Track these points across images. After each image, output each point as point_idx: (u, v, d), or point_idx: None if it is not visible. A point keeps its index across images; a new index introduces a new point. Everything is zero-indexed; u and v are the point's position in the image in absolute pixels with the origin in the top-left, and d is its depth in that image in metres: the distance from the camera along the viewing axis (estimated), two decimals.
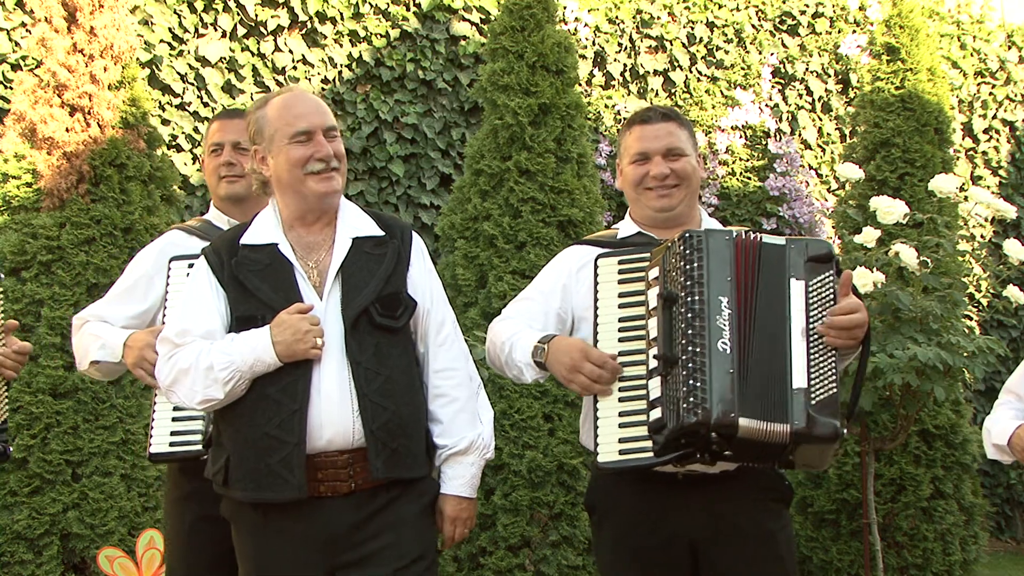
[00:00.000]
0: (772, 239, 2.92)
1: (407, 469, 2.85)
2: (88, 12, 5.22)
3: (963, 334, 4.74)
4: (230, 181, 3.49)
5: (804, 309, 2.83)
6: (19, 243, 5.07)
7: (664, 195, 3.10)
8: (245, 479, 2.80)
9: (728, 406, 2.75)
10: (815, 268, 2.86)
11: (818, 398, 2.78)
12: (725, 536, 2.95)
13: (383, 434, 2.79)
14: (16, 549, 4.87)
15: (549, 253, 5.61)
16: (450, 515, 2.94)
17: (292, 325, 2.75)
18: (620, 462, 2.88)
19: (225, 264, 2.87)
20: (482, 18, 7.00)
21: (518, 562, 5.28)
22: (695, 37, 7.84)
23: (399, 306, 2.88)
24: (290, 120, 2.89)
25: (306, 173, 2.87)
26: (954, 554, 5.80)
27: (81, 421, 5.00)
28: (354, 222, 2.96)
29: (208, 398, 2.79)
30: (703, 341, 2.80)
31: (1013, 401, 3.21)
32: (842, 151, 7.47)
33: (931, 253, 4.85)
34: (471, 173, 5.80)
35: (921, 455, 5.78)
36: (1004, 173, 8.96)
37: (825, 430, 2.76)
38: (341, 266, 2.87)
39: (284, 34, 6.47)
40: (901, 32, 6.55)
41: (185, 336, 2.84)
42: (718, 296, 2.83)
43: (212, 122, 3.62)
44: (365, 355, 2.80)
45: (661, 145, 3.10)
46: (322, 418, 2.76)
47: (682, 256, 2.88)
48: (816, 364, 2.81)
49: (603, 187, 6.79)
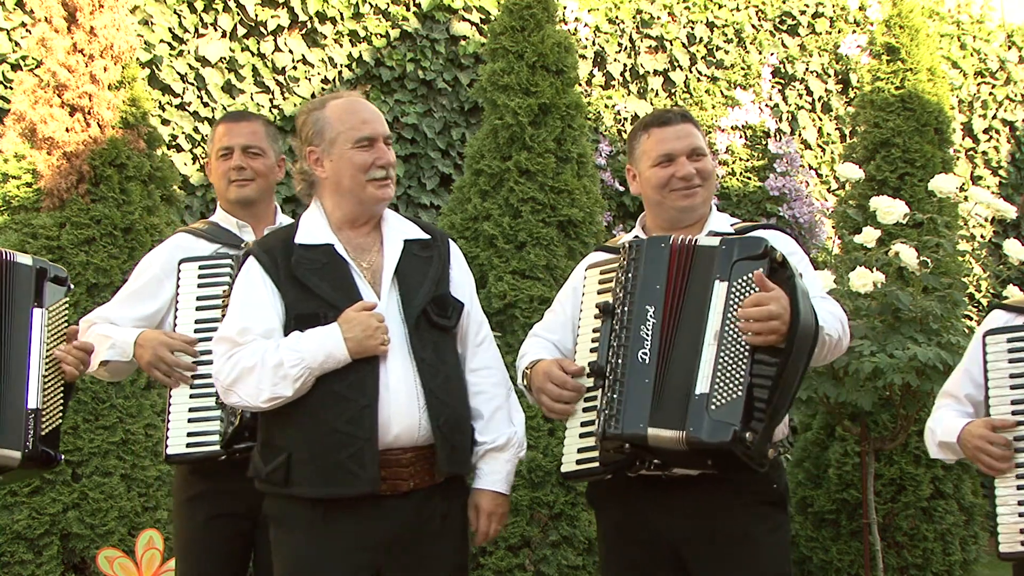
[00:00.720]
0: (707, 240, 2.90)
1: (462, 466, 2.96)
2: (88, 12, 5.22)
3: (963, 334, 4.74)
4: (240, 185, 3.50)
5: (722, 311, 2.78)
6: (19, 243, 5.07)
7: (690, 195, 3.10)
8: (313, 476, 2.81)
9: (639, 419, 2.76)
10: (745, 267, 2.80)
11: (718, 403, 2.72)
12: (702, 539, 2.95)
13: (447, 430, 2.87)
14: (16, 549, 4.87)
15: (549, 253, 5.62)
16: (487, 510, 2.99)
17: (362, 322, 2.80)
18: (576, 471, 2.97)
19: (280, 264, 2.90)
20: (482, 18, 7.00)
21: (518, 562, 5.28)
22: (695, 37, 7.84)
23: (449, 307, 2.97)
24: (355, 125, 2.94)
25: (368, 179, 2.93)
26: (954, 554, 5.80)
27: (81, 421, 5.00)
28: (399, 226, 3.03)
29: (276, 396, 2.80)
30: (626, 352, 2.84)
31: (952, 403, 3.22)
32: (842, 151, 7.47)
33: (931, 253, 4.85)
34: (471, 173, 5.80)
35: (921, 455, 5.78)
36: (1004, 173, 8.96)
37: (717, 436, 2.69)
38: (397, 266, 2.94)
39: (284, 34, 6.47)
40: (901, 32, 6.55)
41: (246, 335, 2.85)
42: (645, 305, 2.85)
43: (219, 124, 3.62)
44: (427, 352, 2.88)
45: (685, 145, 3.10)
46: (390, 413, 2.82)
47: (622, 266, 2.92)
48: (723, 369, 2.74)
49: (603, 187, 6.79)
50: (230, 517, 3.32)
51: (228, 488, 3.28)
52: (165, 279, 3.44)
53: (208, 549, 3.34)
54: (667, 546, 2.98)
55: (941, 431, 3.15)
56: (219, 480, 3.30)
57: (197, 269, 3.39)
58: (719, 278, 2.81)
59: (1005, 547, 2.96)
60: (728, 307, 2.78)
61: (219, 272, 3.38)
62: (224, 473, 3.27)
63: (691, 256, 2.88)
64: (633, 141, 3.20)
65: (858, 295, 4.66)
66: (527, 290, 5.53)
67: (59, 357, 3.13)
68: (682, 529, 2.95)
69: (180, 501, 3.43)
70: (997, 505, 2.99)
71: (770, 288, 2.74)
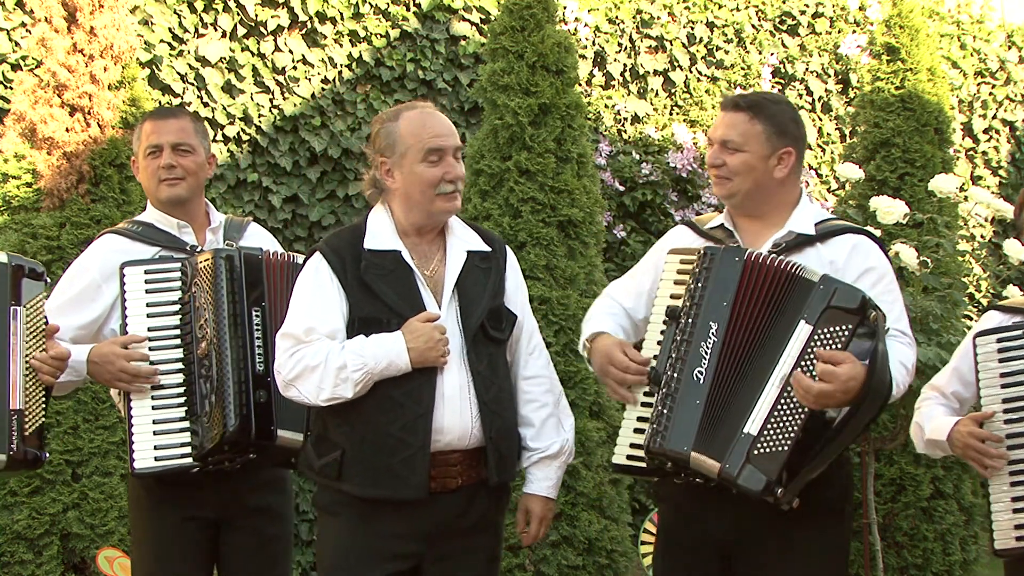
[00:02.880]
0: (808, 272, 2.78)
1: (510, 473, 3.07)
2: (88, 12, 5.22)
3: (963, 334, 4.73)
4: (171, 184, 3.41)
5: (797, 356, 2.71)
6: (19, 243, 5.07)
7: (717, 183, 3.05)
8: (363, 475, 2.90)
9: (684, 440, 2.74)
10: (835, 317, 2.71)
11: (762, 450, 2.69)
12: (748, 543, 2.92)
13: (499, 440, 2.97)
14: (16, 549, 4.86)
15: (549, 253, 5.62)
16: (538, 515, 3.11)
17: (426, 333, 2.87)
18: (624, 466, 2.96)
19: (348, 267, 2.96)
20: (482, 18, 7.00)
21: (518, 562, 5.28)
22: (695, 37, 7.84)
23: (503, 319, 3.05)
24: (425, 139, 3.01)
25: (437, 194, 3.00)
26: (954, 554, 5.80)
27: (81, 421, 5.00)
28: (463, 235, 3.11)
29: (336, 396, 2.88)
30: (683, 367, 2.79)
31: (939, 397, 3.22)
32: (842, 151, 7.47)
33: (931, 253, 4.85)
34: (471, 173, 5.79)
35: (921, 455, 5.78)
36: (1004, 173, 8.96)
37: (750, 483, 2.69)
38: (458, 279, 3.01)
39: (284, 34, 6.47)
40: (901, 32, 6.54)
41: (312, 334, 2.92)
42: (709, 321, 2.79)
43: (145, 122, 3.52)
44: (482, 364, 2.96)
45: (717, 134, 3.05)
46: (444, 423, 2.90)
47: (695, 273, 2.86)
48: (778, 416, 2.70)
49: (603, 187, 6.79)
50: (196, 521, 3.30)
51: (193, 495, 3.27)
52: (103, 283, 3.35)
53: (176, 553, 3.30)
54: (714, 548, 2.96)
55: (930, 429, 3.16)
56: (184, 488, 3.27)
57: (143, 273, 3.30)
58: (806, 319, 2.72)
59: (1000, 543, 2.98)
60: (804, 354, 2.70)
61: (168, 277, 3.31)
62: (189, 482, 3.25)
63: (781, 280, 2.79)
64: None
65: None
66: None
67: (35, 367, 3.07)
68: (729, 532, 2.93)
69: (143, 505, 3.37)
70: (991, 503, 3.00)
71: (840, 361, 2.65)
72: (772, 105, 3.09)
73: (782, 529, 2.87)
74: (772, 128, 3.02)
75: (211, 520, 3.30)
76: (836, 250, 2.98)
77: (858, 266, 2.96)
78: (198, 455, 3.18)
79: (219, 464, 3.21)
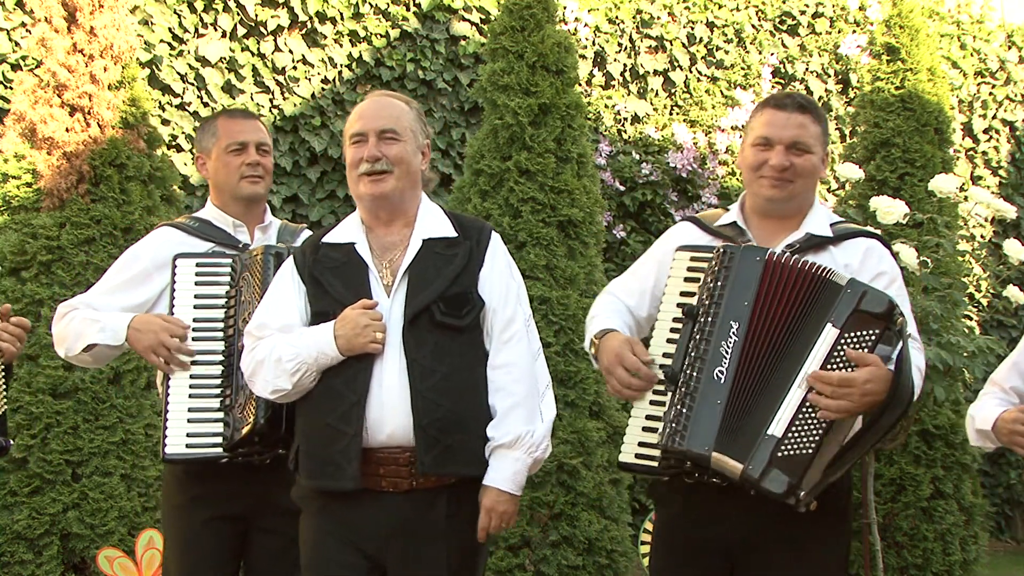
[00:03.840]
0: (836, 275, 2.75)
1: (463, 465, 2.88)
2: (88, 12, 5.22)
3: (963, 334, 4.74)
4: (253, 181, 3.48)
5: (823, 359, 2.68)
6: (19, 243, 5.07)
7: (776, 186, 2.95)
8: (310, 466, 2.89)
9: (705, 439, 2.71)
10: (862, 321, 2.68)
11: (786, 452, 2.66)
12: (755, 545, 2.90)
13: (434, 430, 2.82)
14: (16, 549, 4.87)
15: (549, 253, 5.62)
16: (486, 505, 2.90)
17: (352, 320, 2.83)
18: (633, 465, 2.90)
19: (307, 261, 2.98)
20: (482, 18, 7.00)
21: (518, 562, 5.28)
22: (695, 37, 7.84)
23: (465, 305, 2.92)
24: (351, 122, 3.00)
25: (359, 175, 2.95)
26: (954, 554, 5.80)
27: (81, 421, 5.00)
28: (430, 223, 3.02)
29: (277, 388, 2.89)
30: (702, 366, 2.75)
31: (997, 391, 3.22)
32: (842, 151, 7.47)
33: (931, 253, 4.85)
34: (471, 173, 5.80)
35: (921, 455, 5.78)
36: (1004, 173, 8.96)
37: (773, 485, 2.66)
38: (409, 265, 2.93)
39: (284, 34, 6.47)
40: (901, 32, 6.55)
41: (264, 329, 2.95)
42: (730, 320, 2.75)
43: (221, 119, 3.55)
44: (422, 351, 2.85)
45: (788, 135, 2.95)
46: (383, 412, 2.83)
47: (713, 272, 2.82)
48: (803, 418, 2.68)
49: (603, 187, 6.79)
50: (226, 519, 3.31)
51: (224, 490, 3.28)
52: (155, 272, 3.40)
53: (205, 552, 3.32)
54: (721, 550, 2.94)
55: (980, 419, 3.15)
56: (215, 483, 3.29)
57: (195, 266, 3.36)
58: (832, 322, 2.69)
59: None
60: (831, 358, 2.67)
61: (218, 272, 3.36)
62: (220, 476, 3.27)
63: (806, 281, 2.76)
64: (752, 116, 3.08)
65: None
66: (527, 290, 5.52)
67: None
68: (737, 533, 2.90)
69: (175, 504, 3.40)
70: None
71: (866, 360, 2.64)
72: (818, 107, 3.10)
73: (790, 530, 2.85)
74: (824, 129, 3.04)
75: (239, 518, 3.31)
76: (850, 253, 2.96)
77: (871, 269, 2.93)
78: (228, 446, 3.21)
79: (248, 456, 3.23)
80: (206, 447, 3.24)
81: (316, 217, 6.44)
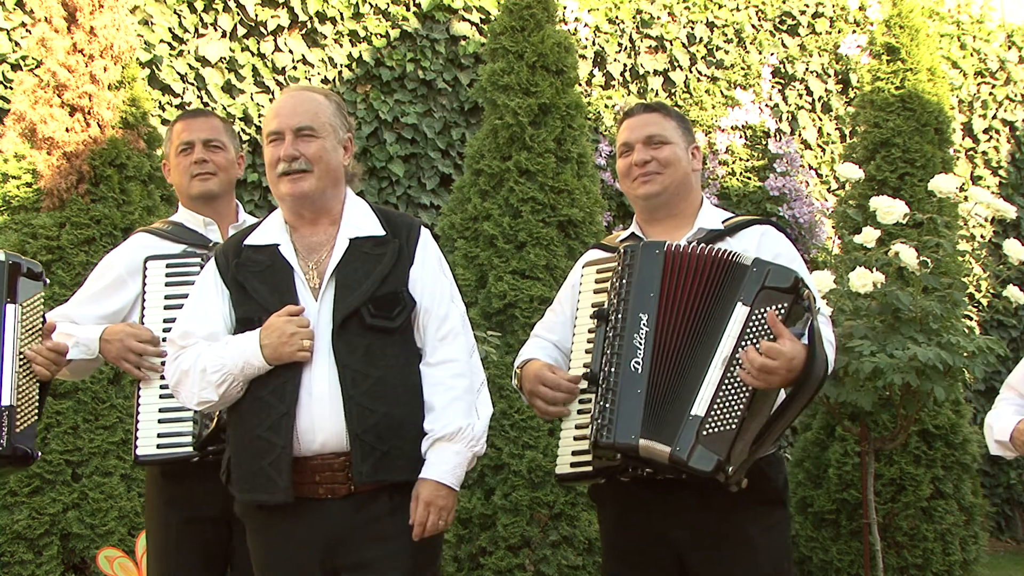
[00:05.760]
0: (741, 257, 2.83)
1: (401, 471, 2.78)
2: (88, 12, 5.22)
3: (963, 334, 4.74)
4: (203, 179, 3.47)
5: (737, 337, 2.74)
6: (19, 243, 5.07)
7: (646, 181, 3.07)
8: (242, 480, 2.81)
9: (630, 429, 2.74)
10: (770, 297, 2.75)
11: (710, 430, 2.71)
12: (702, 540, 2.94)
13: (371, 437, 2.73)
14: (16, 549, 4.86)
15: (549, 253, 5.62)
16: (424, 499, 2.77)
17: (279, 328, 2.74)
18: (569, 474, 2.93)
19: (230, 265, 2.87)
20: (482, 18, 7.00)
21: (518, 562, 5.28)
22: (695, 37, 7.84)
23: (396, 305, 2.83)
24: (267, 119, 2.92)
25: (278, 175, 2.86)
26: (954, 554, 5.80)
27: (81, 421, 5.00)
28: (356, 222, 2.91)
29: (204, 400, 2.81)
30: (619, 360, 2.81)
31: (1014, 397, 3.22)
32: (842, 151, 7.47)
33: (931, 253, 4.85)
34: (471, 173, 5.80)
35: (921, 455, 5.78)
36: (1004, 173, 8.96)
37: (701, 463, 2.70)
38: (336, 267, 2.84)
39: (284, 34, 6.47)
40: (901, 32, 6.55)
41: (188, 338, 2.85)
42: (639, 313, 2.82)
43: (176, 123, 3.58)
44: (354, 357, 2.76)
45: (642, 134, 3.08)
46: (313, 421, 2.74)
47: (617, 272, 2.90)
48: (724, 396, 2.73)
49: (603, 187, 6.79)
50: (205, 521, 3.30)
51: (202, 491, 3.26)
52: (129, 278, 3.41)
53: (183, 553, 3.31)
54: (666, 544, 2.97)
55: (998, 429, 3.17)
56: (193, 483, 3.28)
57: (164, 268, 3.37)
58: (742, 301, 2.76)
59: None
60: (744, 335, 2.74)
61: (187, 272, 3.35)
62: (197, 476, 3.25)
63: (706, 265, 2.83)
64: None
65: (858, 295, 4.66)
66: (527, 290, 5.53)
67: (29, 357, 3.10)
68: (682, 530, 2.94)
69: (154, 505, 3.40)
70: None
71: (783, 333, 2.70)
72: (667, 107, 3.23)
73: (737, 523, 2.92)
74: (680, 123, 3.15)
75: (219, 520, 3.30)
76: (746, 241, 3.06)
77: (768, 251, 3.00)
78: (197, 444, 3.21)
79: (219, 454, 3.22)
80: (176, 447, 3.24)
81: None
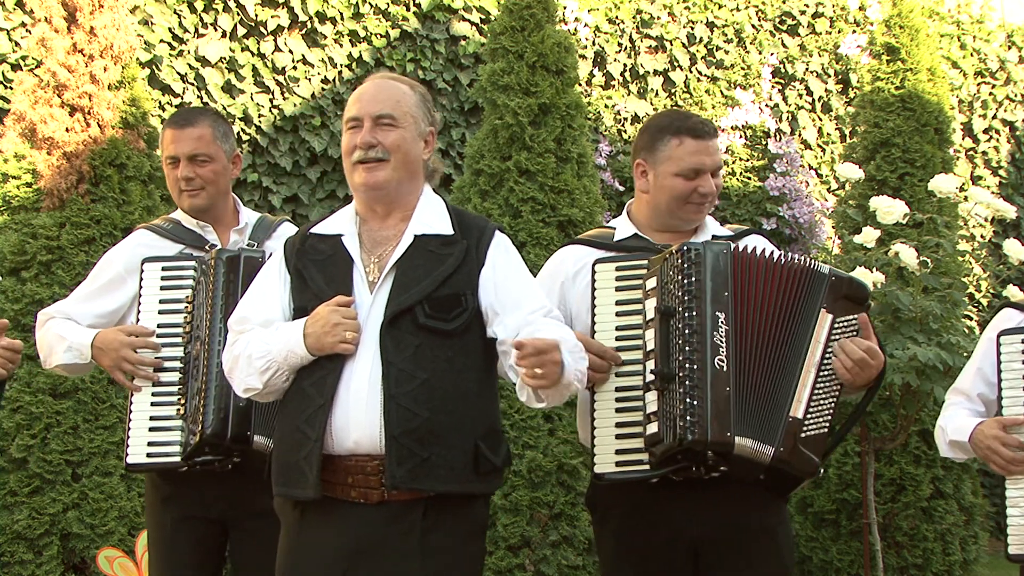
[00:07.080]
0: (821, 266, 2.95)
1: (441, 481, 2.61)
2: (88, 12, 5.22)
3: (963, 334, 4.74)
4: (191, 195, 3.42)
5: (824, 342, 2.87)
6: (19, 243, 5.07)
7: (701, 211, 3.10)
8: (278, 474, 2.72)
9: (724, 425, 2.75)
10: (847, 307, 2.91)
11: (808, 432, 2.83)
12: (728, 536, 2.94)
13: (410, 441, 2.58)
14: (16, 549, 4.87)
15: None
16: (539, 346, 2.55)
17: (324, 317, 2.63)
18: (617, 474, 2.90)
19: (294, 252, 2.80)
20: (482, 18, 7.00)
21: (518, 562, 5.28)
22: (695, 37, 7.84)
23: (455, 308, 2.69)
24: (348, 106, 2.81)
25: (353, 163, 2.76)
26: (954, 554, 5.80)
27: (81, 421, 5.00)
28: (426, 219, 2.79)
29: (248, 387, 2.73)
30: (701, 358, 2.79)
31: (964, 401, 3.22)
32: (842, 151, 7.47)
33: (931, 253, 4.85)
34: (471, 173, 5.80)
35: (921, 455, 5.78)
36: (1004, 173, 8.96)
37: (804, 465, 2.83)
38: (397, 262, 2.72)
39: (284, 34, 6.47)
40: (901, 32, 6.55)
41: (244, 324, 2.78)
42: (716, 312, 2.82)
43: (165, 129, 3.50)
44: (401, 355, 2.62)
45: (714, 162, 3.07)
46: (348, 417, 2.61)
47: (680, 269, 2.86)
48: (818, 400, 2.86)
49: (603, 187, 6.79)
50: (199, 520, 3.29)
51: (195, 493, 3.27)
52: (128, 277, 3.38)
53: (177, 551, 3.31)
54: (686, 547, 2.96)
55: (952, 430, 3.15)
56: (186, 485, 3.27)
57: (160, 270, 3.34)
58: (826, 308, 2.89)
59: (1014, 548, 2.97)
60: (829, 341, 2.88)
61: (182, 275, 3.33)
62: (190, 478, 3.25)
63: (775, 270, 2.89)
64: (658, 140, 3.06)
65: None
66: None
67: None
68: (706, 528, 2.94)
69: (151, 502, 3.40)
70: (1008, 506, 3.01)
71: (872, 336, 2.90)
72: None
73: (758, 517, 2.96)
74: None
75: (213, 521, 3.30)
76: None
77: None
78: (183, 455, 3.19)
79: (207, 464, 3.20)
80: (165, 456, 3.23)
81: (316, 217, 6.43)
